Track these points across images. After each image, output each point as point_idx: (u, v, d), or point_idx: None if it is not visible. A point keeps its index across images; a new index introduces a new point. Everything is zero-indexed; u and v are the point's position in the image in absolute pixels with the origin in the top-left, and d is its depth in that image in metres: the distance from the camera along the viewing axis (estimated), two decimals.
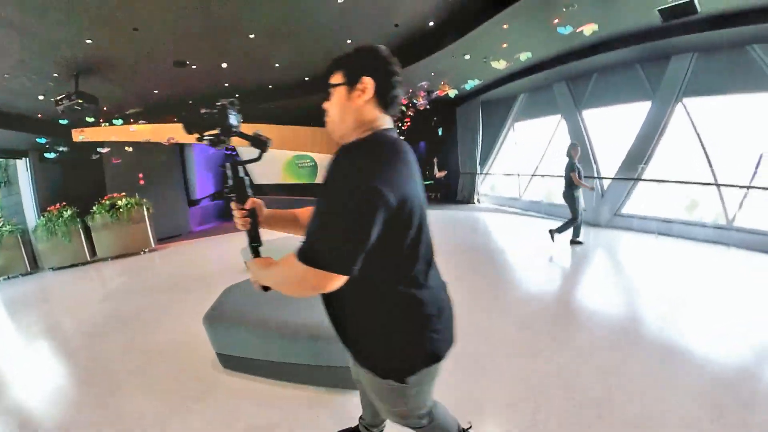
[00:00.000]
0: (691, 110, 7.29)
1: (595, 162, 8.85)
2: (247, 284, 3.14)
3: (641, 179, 7.85)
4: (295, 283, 0.98)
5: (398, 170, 0.95)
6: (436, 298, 1.12)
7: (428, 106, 10.10)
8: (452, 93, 9.03)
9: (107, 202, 8.25)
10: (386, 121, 1.10)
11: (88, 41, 5.86)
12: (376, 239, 0.92)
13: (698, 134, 7.18)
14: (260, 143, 1.22)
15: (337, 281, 0.92)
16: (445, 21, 7.00)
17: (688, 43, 6.67)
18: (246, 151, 14.28)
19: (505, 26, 6.53)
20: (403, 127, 14.86)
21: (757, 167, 6.41)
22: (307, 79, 9.73)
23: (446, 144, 13.30)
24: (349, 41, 7.57)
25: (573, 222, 6.39)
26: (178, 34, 6.24)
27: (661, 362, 2.78)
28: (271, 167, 15.09)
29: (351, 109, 1.05)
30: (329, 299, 1.14)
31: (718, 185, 6.89)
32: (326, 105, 1.13)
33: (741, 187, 6.53)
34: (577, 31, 6.08)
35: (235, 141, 1.24)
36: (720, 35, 6.19)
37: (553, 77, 9.37)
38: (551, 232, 6.47)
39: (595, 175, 8.61)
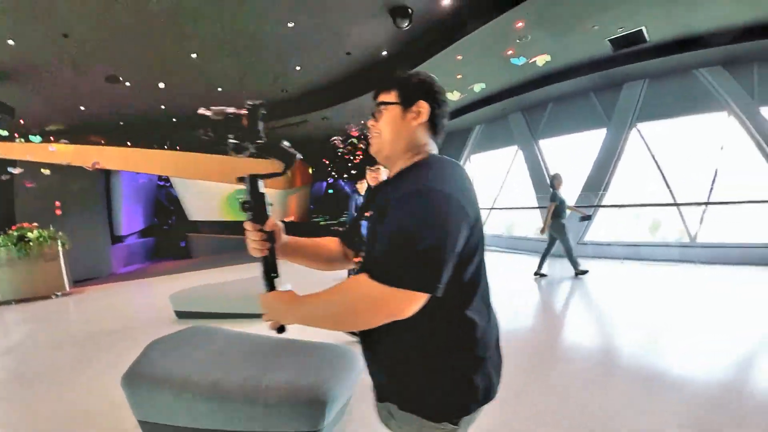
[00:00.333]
0: (646, 134, 7.93)
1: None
2: (174, 338, 2.93)
3: (602, 206, 8.29)
4: (367, 308, 0.93)
5: (468, 189, 1.01)
6: (496, 325, 1.14)
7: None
8: None
9: (15, 233, 7.52)
10: (434, 147, 1.15)
11: (10, 42, 5.47)
12: (457, 256, 0.93)
13: (654, 157, 7.79)
14: (288, 156, 1.17)
15: (419, 303, 0.90)
16: (398, 51, 7.22)
17: (639, 70, 7.30)
18: (179, 182, 13.76)
19: (458, 57, 6.82)
20: (354, 160, 14.84)
21: (713, 183, 7.08)
22: None
23: None
24: (298, 68, 7.62)
25: (570, 254, 6.46)
26: (114, 47, 6.00)
27: (643, 388, 2.84)
28: (208, 201, 14.25)
29: (405, 131, 1.10)
30: (373, 334, 1.06)
31: (677, 205, 7.48)
32: (373, 123, 1.14)
33: (699, 204, 7.17)
34: (530, 62, 6.48)
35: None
36: (669, 61, 6.85)
37: (509, 108, 9.84)
38: (577, 272, 6.43)
39: None
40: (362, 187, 6.65)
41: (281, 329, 1.10)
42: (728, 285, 5.52)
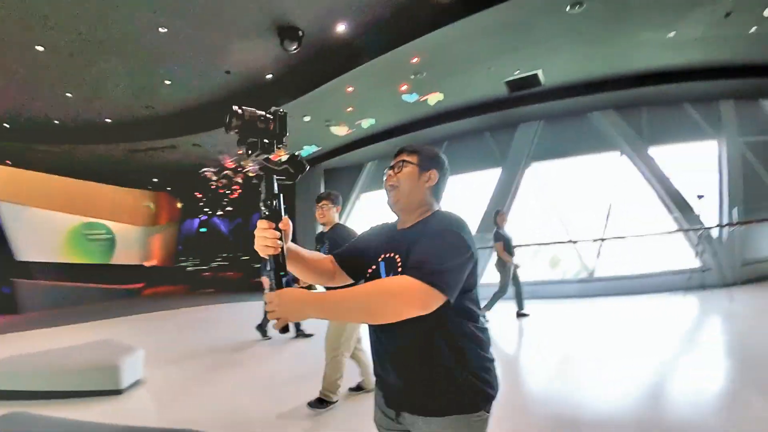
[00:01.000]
0: (541, 173, 8.93)
1: None
2: None
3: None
4: (402, 298, 1.23)
5: (471, 234, 1.41)
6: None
7: (260, 173, 10.19)
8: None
9: None
10: (437, 207, 1.60)
11: None
12: (465, 280, 1.35)
13: (548, 195, 8.79)
14: (299, 165, 1.35)
15: (439, 302, 1.25)
16: (284, 75, 7.27)
17: (534, 111, 8.27)
18: (6, 208, 11.86)
19: (349, 89, 7.09)
20: (231, 196, 14.44)
21: (607, 219, 8.21)
22: (110, 120, 8.97)
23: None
24: (168, 81, 7.32)
25: (500, 294, 6.71)
26: None
27: None
28: (46, 237, 12.65)
29: (420, 189, 1.54)
30: (415, 350, 1.40)
31: (574, 242, 8.42)
32: (392, 173, 1.56)
33: (595, 240, 8.21)
34: (421, 100, 7.04)
35: None
36: (564, 104, 7.90)
37: (401, 145, 10.40)
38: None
39: None
40: None
41: (285, 329, 1.24)
42: (626, 315, 6.33)
